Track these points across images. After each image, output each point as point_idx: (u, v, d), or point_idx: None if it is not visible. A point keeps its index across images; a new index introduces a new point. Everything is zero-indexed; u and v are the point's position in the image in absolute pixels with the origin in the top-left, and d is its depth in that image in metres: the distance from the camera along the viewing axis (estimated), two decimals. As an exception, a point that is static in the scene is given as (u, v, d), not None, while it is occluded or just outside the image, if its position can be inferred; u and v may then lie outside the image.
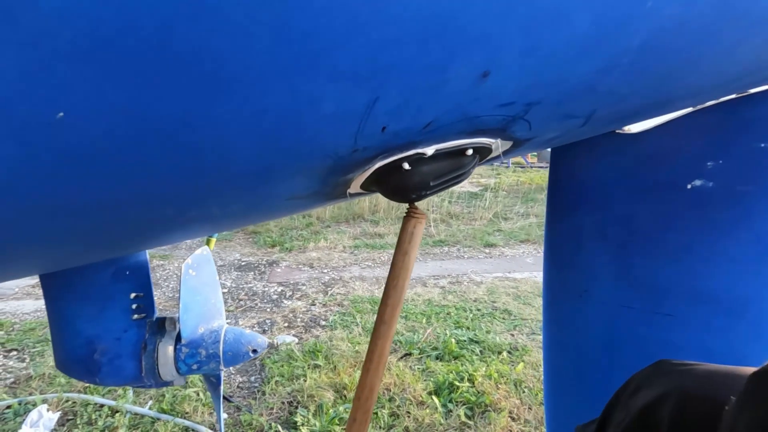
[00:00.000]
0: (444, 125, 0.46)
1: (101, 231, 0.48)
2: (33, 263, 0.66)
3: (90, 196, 0.39)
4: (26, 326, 3.62)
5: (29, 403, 2.57)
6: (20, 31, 0.27)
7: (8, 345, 3.34)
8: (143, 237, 0.68)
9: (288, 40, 0.32)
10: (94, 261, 0.88)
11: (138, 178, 0.39)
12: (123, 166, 0.37)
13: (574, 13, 0.38)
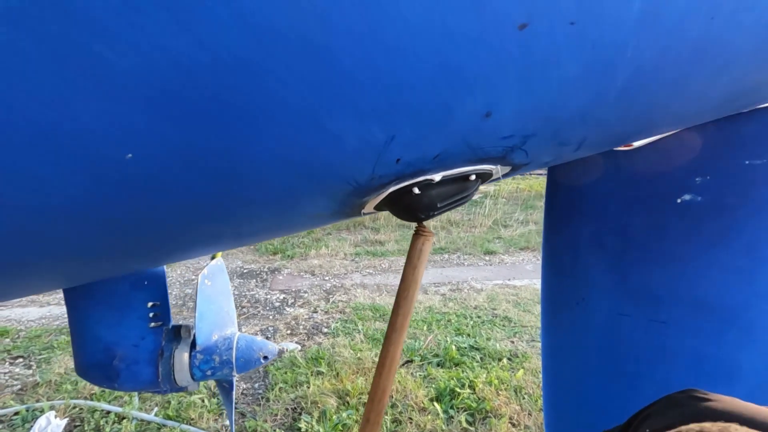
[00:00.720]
0: (451, 156, 0.52)
1: (146, 246, 0.54)
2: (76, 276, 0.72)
3: (146, 217, 0.45)
4: (31, 333, 3.66)
5: (37, 410, 2.60)
6: (104, 88, 0.33)
7: (14, 352, 3.37)
8: (177, 251, 0.73)
9: (318, 87, 0.38)
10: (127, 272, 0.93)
11: (186, 204, 0.45)
12: (176, 194, 0.43)
13: (564, 61, 0.44)
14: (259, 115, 0.37)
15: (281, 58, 0.35)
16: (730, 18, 0.46)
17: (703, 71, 0.51)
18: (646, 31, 0.44)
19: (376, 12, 0.35)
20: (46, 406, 2.61)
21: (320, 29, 0.35)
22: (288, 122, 0.39)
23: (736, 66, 0.52)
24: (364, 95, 0.40)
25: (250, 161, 0.41)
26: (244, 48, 0.34)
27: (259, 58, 0.34)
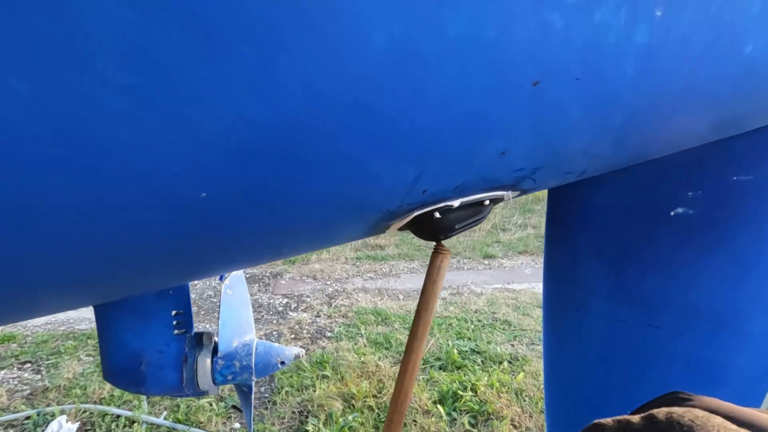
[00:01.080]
0: (469, 186, 0.59)
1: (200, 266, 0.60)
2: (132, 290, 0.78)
3: (208, 243, 0.52)
4: (38, 339, 3.70)
5: (47, 414, 2.65)
6: (190, 143, 0.40)
7: (22, 357, 3.42)
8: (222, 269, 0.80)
9: (364, 137, 0.45)
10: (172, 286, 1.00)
11: (243, 233, 0.52)
12: (236, 226, 0.50)
13: (569, 109, 0.51)
14: (313, 162, 0.44)
15: (335, 116, 0.42)
16: (711, 70, 0.54)
17: (688, 113, 0.59)
18: (639, 84, 0.51)
19: (415, 76, 0.42)
20: (56, 410, 2.66)
21: (369, 92, 0.42)
22: (337, 167, 0.46)
23: (718, 108, 0.60)
24: (401, 143, 0.47)
25: (302, 199, 0.48)
26: (305, 109, 0.41)
27: (317, 117, 0.41)
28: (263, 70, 0.37)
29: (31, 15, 0.32)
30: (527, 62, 0.45)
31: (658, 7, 0.46)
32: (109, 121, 0.37)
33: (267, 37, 0.36)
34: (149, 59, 0.35)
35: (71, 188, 0.40)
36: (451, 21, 0.40)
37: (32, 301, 0.60)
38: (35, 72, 0.33)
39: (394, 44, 0.40)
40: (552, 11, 0.43)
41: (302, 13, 0.36)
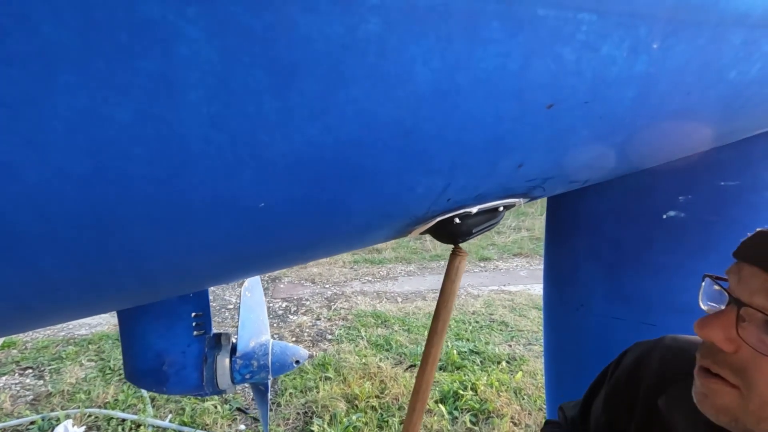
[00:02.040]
0: (488, 195, 0.66)
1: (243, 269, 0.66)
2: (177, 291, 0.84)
3: (256, 249, 0.58)
4: (39, 344, 3.70)
5: (52, 419, 2.67)
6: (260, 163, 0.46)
7: (23, 363, 3.42)
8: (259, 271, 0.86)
9: (404, 155, 0.52)
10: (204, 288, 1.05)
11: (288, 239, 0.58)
12: (284, 233, 0.56)
13: (578, 128, 0.58)
14: (360, 177, 0.51)
15: (381, 138, 0.49)
16: (701, 93, 0.61)
17: (682, 130, 0.66)
18: (638, 107, 0.58)
19: (449, 103, 0.49)
20: (61, 415, 2.68)
21: (410, 117, 0.48)
22: (379, 180, 0.52)
23: (707, 125, 0.67)
24: (434, 159, 0.53)
25: (345, 208, 0.55)
26: (358, 133, 0.47)
27: (367, 138, 0.48)
28: (325, 101, 0.44)
29: (140, 54, 0.38)
30: (543, 89, 0.53)
31: (655, 41, 0.53)
32: (194, 142, 0.43)
33: (329, 73, 0.43)
34: (230, 92, 0.41)
35: (152, 199, 0.46)
36: (481, 56, 0.47)
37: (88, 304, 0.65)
38: (139, 101, 0.40)
39: (432, 77, 0.47)
40: (564, 46, 0.50)
41: (359, 53, 0.43)
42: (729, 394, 0.49)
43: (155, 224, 0.48)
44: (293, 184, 0.50)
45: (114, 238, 0.49)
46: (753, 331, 0.47)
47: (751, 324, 0.47)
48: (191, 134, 0.42)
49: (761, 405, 0.47)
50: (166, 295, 0.93)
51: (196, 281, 0.70)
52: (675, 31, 0.53)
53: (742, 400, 0.48)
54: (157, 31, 0.37)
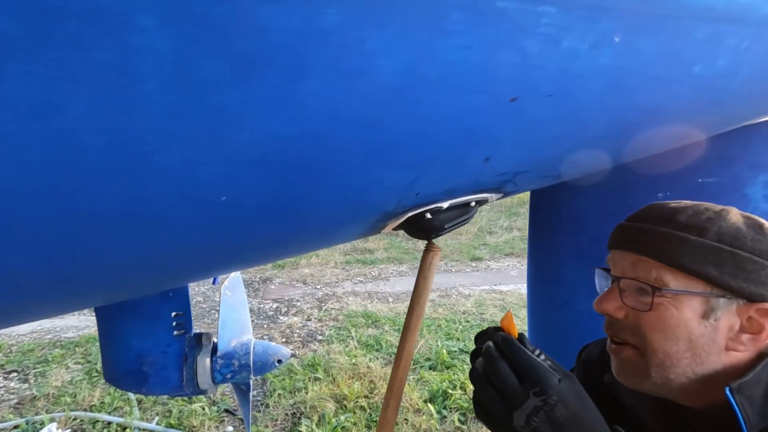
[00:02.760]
0: (457, 189, 0.66)
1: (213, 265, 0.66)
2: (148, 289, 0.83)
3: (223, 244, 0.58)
4: (24, 347, 3.65)
5: (36, 423, 2.63)
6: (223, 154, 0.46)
7: (8, 366, 3.37)
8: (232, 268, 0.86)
9: (370, 148, 0.52)
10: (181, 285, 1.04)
11: (256, 235, 0.58)
12: (251, 228, 0.56)
13: (545, 122, 0.59)
14: (326, 170, 0.51)
15: (347, 131, 0.49)
16: (667, 87, 0.62)
17: (650, 124, 0.67)
18: (605, 100, 0.59)
19: (414, 95, 0.49)
20: (46, 418, 2.64)
21: (375, 110, 0.48)
22: (345, 174, 0.52)
23: (675, 120, 0.68)
24: (400, 152, 0.53)
25: (314, 202, 0.55)
26: (323, 126, 0.47)
27: (332, 132, 0.48)
28: (288, 93, 0.44)
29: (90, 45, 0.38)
30: (507, 82, 0.53)
31: (618, 34, 0.54)
32: (152, 134, 0.43)
33: (290, 65, 0.43)
34: (188, 82, 0.41)
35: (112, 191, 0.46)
36: (443, 49, 0.47)
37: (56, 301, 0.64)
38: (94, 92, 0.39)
39: (395, 69, 0.47)
40: (527, 39, 0.50)
41: (318, 44, 0.43)
42: (634, 356, 0.60)
43: (116, 217, 0.48)
44: (258, 178, 0.50)
45: (74, 232, 0.48)
46: (632, 297, 0.60)
47: (629, 292, 0.61)
48: (148, 125, 0.42)
49: (661, 355, 0.58)
50: (141, 292, 0.92)
51: (168, 276, 0.70)
52: (638, 25, 0.54)
53: (645, 357, 0.59)
54: (107, 19, 0.37)
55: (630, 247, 0.62)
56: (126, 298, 0.96)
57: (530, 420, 0.53)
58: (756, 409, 0.56)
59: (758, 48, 0.64)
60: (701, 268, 0.57)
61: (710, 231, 0.58)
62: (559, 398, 0.53)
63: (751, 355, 0.59)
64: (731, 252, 0.57)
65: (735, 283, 0.57)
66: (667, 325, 0.57)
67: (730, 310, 0.57)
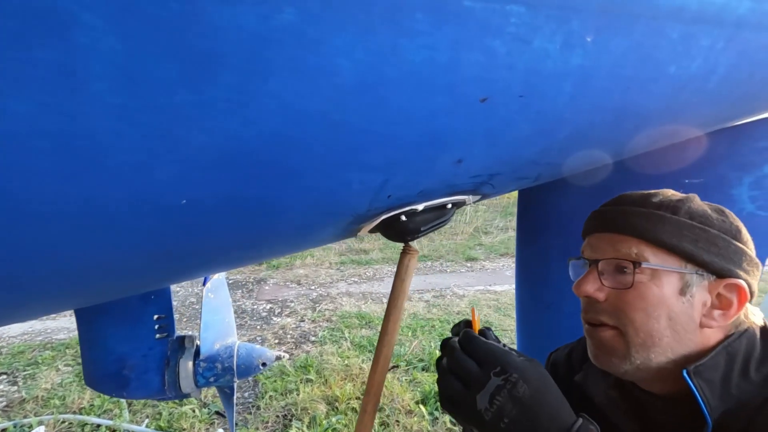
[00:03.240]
0: (431, 191, 0.65)
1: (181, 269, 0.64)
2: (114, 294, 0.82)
3: (188, 247, 0.57)
4: (14, 350, 3.62)
5: (25, 426, 2.61)
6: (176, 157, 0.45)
7: (-3, 369, 3.34)
8: (203, 272, 0.84)
9: (334, 150, 0.51)
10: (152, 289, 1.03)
11: (222, 238, 0.56)
12: (216, 231, 0.54)
13: (516, 123, 0.58)
14: (289, 172, 0.50)
15: (308, 131, 0.47)
16: (641, 88, 0.61)
17: (625, 126, 0.66)
18: (578, 101, 0.58)
19: (378, 96, 0.48)
20: (34, 421, 2.61)
21: (338, 110, 0.47)
22: (310, 176, 0.51)
23: (652, 121, 0.67)
24: (367, 153, 0.52)
25: (277, 206, 0.53)
26: (282, 126, 0.46)
27: (293, 132, 0.47)
28: (243, 94, 0.43)
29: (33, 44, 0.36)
30: (475, 83, 0.52)
31: (589, 34, 0.53)
32: (101, 136, 0.41)
33: (246, 65, 0.41)
34: (138, 83, 0.40)
35: (63, 194, 0.45)
36: (407, 48, 0.46)
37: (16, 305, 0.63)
38: (38, 93, 0.38)
39: (357, 69, 0.45)
40: (494, 39, 0.49)
41: (276, 44, 0.41)
42: (614, 337, 0.61)
43: (70, 221, 0.46)
44: (217, 181, 0.48)
45: (28, 236, 0.47)
46: (611, 278, 0.62)
47: (607, 273, 0.62)
48: (98, 127, 0.41)
49: (643, 335, 0.59)
50: (111, 296, 0.90)
51: (137, 281, 0.68)
52: (609, 24, 0.53)
53: (625, 337, 0.60)
54: (51, 18, 0.35)
55: (610, 228, 0.64)
56: (96, 302, 0.95)
57: (493, 400, 0.54)
58: (716, 393, 0.57)
59: (734, 48, 0.63)
60: (679, 243, 0.59)
61: (682, 210, 0.61)
62: (521, 375, 0.54)
63: (719, 338, 0.61)
64: (702, 228, 0.60)
65: (708, 257, 0.59)
66: (649, 303, 0.59)
67: (702, 286, 0.60)
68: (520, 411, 0.53)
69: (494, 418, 0.53)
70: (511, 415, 0.53)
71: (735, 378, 0.58)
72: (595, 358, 0.64)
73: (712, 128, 1.01)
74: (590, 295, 0.62)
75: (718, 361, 0.58)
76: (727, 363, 0.58)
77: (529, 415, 0.53)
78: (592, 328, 0.64)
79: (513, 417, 0.53)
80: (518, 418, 0.53)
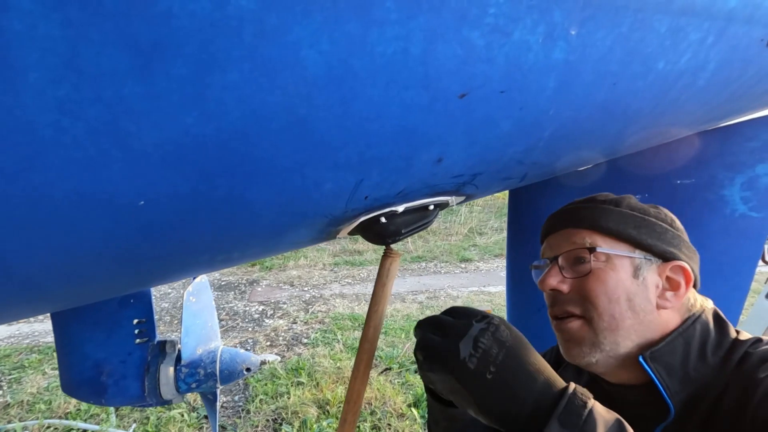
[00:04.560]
0: (411, 191, 0.62)
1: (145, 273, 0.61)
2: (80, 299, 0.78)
3: (150, 251, 0.53)
4: (0, 353, 3.55)
5: (9, 431, 2.55)
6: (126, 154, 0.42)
7: (-18, 373, 3.28)
8: (171, 277, 0.81)
9: (301, 147, 0.48)
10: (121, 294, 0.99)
11: (186, 240, 0.53)
12: (178, 233, 0.51)
13: (498, 120, 0.55)
14: (253, 171, 0.47)
15: (271, 127, 0.44)
16: (629, 84, 0.58)
17: (613, 123, 0.63)
18: (562, 97, 0.55)
19: (346, 89, 0.45)
20: (18, 427, 2.56)
21: (303, 105, 0.44)
22: (277, 175, 0.48)
23: (640, 119, 0.65)
24: (338, 152, 0.49)
25: (244, 206, 0.50)
26: (242, 121, 0.43)
27: (254, 128, 0.44)
28: (199, 87, 0.39)
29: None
30: (452, 77, 0.49)
31: (573, 26, 0.50)
32: (43, 130, 0.38)
33: (199, 55, 0.38)
34: (81, 74, 0.37)
35: (6, 196, 0.41)
36: (377, 39, 0.43)
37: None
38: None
39: (323, 61, 0.42)
40: (472, 30, 0.46)
41: (232, 33, 0.38)
42: (581, 326, 0.65)
43: (15, 222, 0.43)
44: (176, 179, 0.45)
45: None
46: (571, 269, 0.67)
47: (567, 265, 0.67)
48: (38, 121, 0.37)
49: (607, 318, 0.63)
50: (75, 302, 0.87)
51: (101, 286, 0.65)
52: (593, 17, 0.50)
53: (591, 324, 0.64)
54: (-22, 1, 0.32)
55: (564, 225, 0.71)
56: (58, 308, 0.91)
57: (477, 343, 0.52)
58: (676, 377, 0.60)
59: (725, 43, 0.60)
60: (624, 230, 0.66)
61: (623, 203, 0.70)
62: (501, 321, 0.55)
63: (677, 324, 0.65)
64: (642, 217, 0.68)
65: (651, 241, 0.66)
66: (608, 286, 0.64)
67: (652, 269, 0.66)
68: (507, 355, 0.51)
69: (480, 366, 0.50)
70: (497, 361, 0.50)
71: (693, 361, 0.61)
72: (567, 351, 0.67)
73: (703, 127, 0.99)
74: (554, 287, 0.67)
75: (675, 346, 0.62)
76: (685, 347, 0.62)
77: (517, 362, 0.51)
78: (560, 322, 0.67)
79: (500, 363, 0.50)
80: (506, 364, 0.50)
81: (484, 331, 0.52)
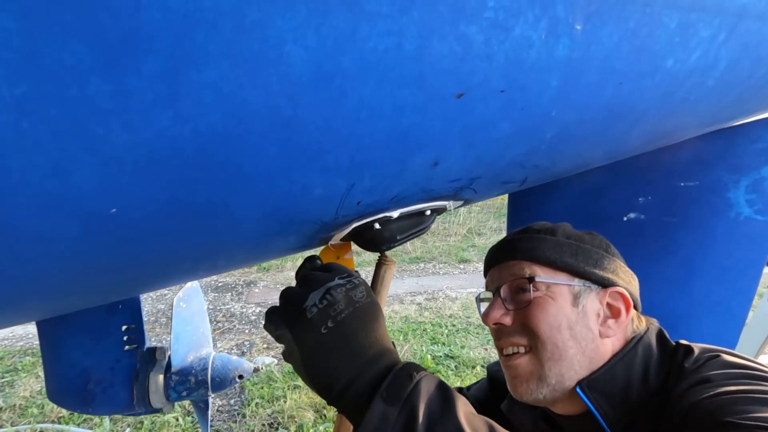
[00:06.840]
0: (406, 196, 0.59)
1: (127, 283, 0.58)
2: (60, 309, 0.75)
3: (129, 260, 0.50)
4: (-7, 356, 3.51)
5: (0, 436, 2.51)
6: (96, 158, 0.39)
7: (-26, 376, 3.23)
8: (154, 285, 0.78)
9: (288, 150, 0.44)
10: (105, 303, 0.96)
11: (167, 249, 0.50)
12: (157, 242, 0.48)
13: (497, 121, 0.52)
14: (236, 175, 0.43)
15: (255, 129, 0.41)
16: (636, 83, 0.55)
17: (618, 125, 0.60)
18: (565, 98, 0.52)
19: (335, 88, 0.42)
20: (10, 431, 2.52)
21: (288, 104, 0.41)
22: (262, 180, 0.45)
23: (646, 120, 0.62)
24: (327, 155, 0.46)
25: (228, 213, 0.47)
26: (222, 122, 0.40)
27: (235, 128, 0.40)
28: (172, 85, 0.36)
29: None
30: (449, 75, 0.46)
31: (578, 22, 0.47)
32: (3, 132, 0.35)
33: (173, 51, 0.35)
34: (42, 71, 0.33)
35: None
36: (368, 34, 0.40)
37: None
38: None
39: (309, 57, 0.39)
40: (470, 25, 0.43)
41: (209, 26, 0.35)
42: (526, 361, 0.64)
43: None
44: (151, 185, 0.42)
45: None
46: (512, 301, 0.67)
47: (509, 297, 0.68)
48: (-6, 122, 0.34)
49: (550, 346, 0.63)
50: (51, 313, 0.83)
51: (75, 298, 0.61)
52: (599, 11, 0.47)
53: (536, 356, 0.64)
54: None
55: (502, 258, 0.71)
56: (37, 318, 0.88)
57: (325, 295, 0.50)
58: (615, 404, 0.59)
59: (737, 41, 0.57)
60: (561, 258, 0.67)
61: (558, 232, 0.70)
62: (364, 284, 0.54)
63: (617, 350, 0.64)
64: (578, 245, 0.69)
65: (588, 268, 0.67)
66: (549, 314, 0.64)
67: (591, 297, 0.66)
68: (353, 315, 0.49)
69: (318, 318, 0.49)
70: (339, 317, 0.49)
71: (635, 386, 0.60)
72: (514, 389, 0.66)
73: (710, 129, 0.96)
74: (498, 320, 0.67)
75: (616, 372, 0.61)
76: (627, 372, 0.61)
77: (360, 325, 0.49)
78: (507, 359, 0.66)
79: (341, 320, 0.49)
80: (346, 322, 0.49)
81: (341, 287, 0.52)
